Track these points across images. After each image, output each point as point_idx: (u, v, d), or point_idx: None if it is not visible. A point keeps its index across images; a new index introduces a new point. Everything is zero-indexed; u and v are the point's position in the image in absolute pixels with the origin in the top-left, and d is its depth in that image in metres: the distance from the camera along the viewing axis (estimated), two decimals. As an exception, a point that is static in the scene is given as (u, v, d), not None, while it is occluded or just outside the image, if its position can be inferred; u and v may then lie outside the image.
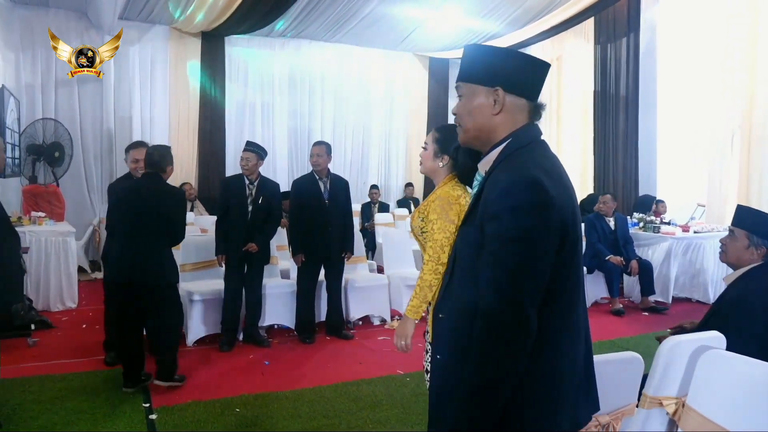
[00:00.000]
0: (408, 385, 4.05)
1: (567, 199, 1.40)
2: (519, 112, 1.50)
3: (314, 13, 8.78)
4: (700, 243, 6.79)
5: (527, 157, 1.43)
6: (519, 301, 1.31)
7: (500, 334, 1.31)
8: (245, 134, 9.54)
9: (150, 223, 3.81)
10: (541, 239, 1.33)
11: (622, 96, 8.89)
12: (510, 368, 1.32)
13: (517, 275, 1.31)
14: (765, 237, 2.60)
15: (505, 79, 1.48)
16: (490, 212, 1.38)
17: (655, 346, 2.08)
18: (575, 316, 1.46)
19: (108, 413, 3.51)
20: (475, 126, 1.52)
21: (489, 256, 1.36)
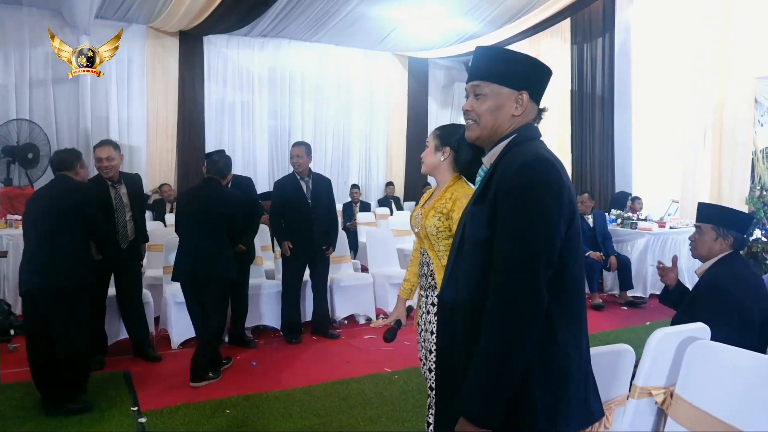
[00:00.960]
0: (396, 382, 4.09)
1: (570, 184, 1.48)
2: (530, 114, 1.59)
3: (294, 13, 8.77)
4: (675, 238, 6.96)
5: (534, 146, 1.52)
6: (533, 273, 1.36)
7: (515, 304, 1.35)
8: (225, 134, 9.51)
9: (213, 224, 4.14)
10: (554, 215, 1.39)
11: (598, 95, 9.05)
12: (525, 338, 1.36)
13: (531, 248, 1.36)
14: (729, 227, 2.75)
15: (530, 85, 1.57)
16: (506, 189, 1.42)
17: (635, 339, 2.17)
18: (581, 305, 1.52)
19: (96, 417, 3.48)
20: (494, 125, 1.57)
21: (505, 230, 1.40)
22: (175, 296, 4.87)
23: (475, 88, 1.59)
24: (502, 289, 1.38)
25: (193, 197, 4.35)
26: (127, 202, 4.39)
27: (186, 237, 4.25)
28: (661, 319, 5.85)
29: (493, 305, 1.38)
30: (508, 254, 1.38)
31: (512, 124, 1.57)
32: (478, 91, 1.58)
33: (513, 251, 1.37)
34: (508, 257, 1.38)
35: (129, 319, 4.55)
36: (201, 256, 4.10)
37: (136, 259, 4.56)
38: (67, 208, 3.58)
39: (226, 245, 4.23)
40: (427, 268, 2.44)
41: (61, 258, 3.49)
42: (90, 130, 8.39)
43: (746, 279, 2.62)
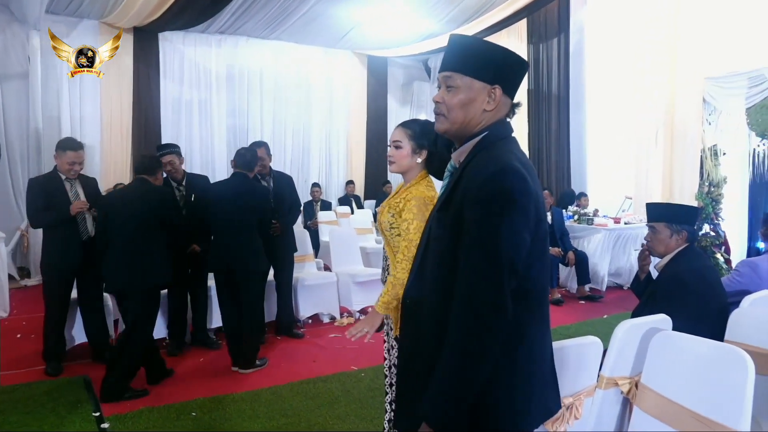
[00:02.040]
0: (363, 380, 4.10)
1: (539, 189, 1.48)
2: (502, 109, 1.56)
3: (252, 10, 8.68)
4: (630, 233, 7.18)
5: (504, 149, 1.49)
6: (498, 283, 1.35)
7: (479, 315, 1.35)
8: (182, 133, 9.33)
9: (243, 217, 4.25)
10: (520, 225, 1.39)
11: (553, 94, 9.25)
12: (488, 349, 1.36)
13: (497, 260, 1.36)
14: (682, 222, 2.87)
15: (504, 79, 1.53)
16: (472, 199, 1.41)
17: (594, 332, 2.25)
18: (545, 308, 1.55)
19: (56, 424, 3.38)
20: (465, 119, 1.53)
21: (470, 241, 1.40)
22: (135, 298, 4.77)
23: (447, 80, 1.54)
24: (466, 299, 1.38)
25: (224, 191, 4.42)
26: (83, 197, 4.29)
27: (220, 231, 4.34)
28: (618, 312, 6.05)
29: (458, 315, 1.38)
30: (473, 265, 1.38)
31: (483, 119, 1.53)
32: (450, 83, 1.53)
33: (478, 262, 1.37)
34: (473, 268, 1.38)
35: (90, 321, 4.43)
36: (236, 250, 4.24)
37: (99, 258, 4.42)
38: (151, 212, 3.91)
39: (258, 238, 4.34)
40: (385, 263, 2.48)
41: (147, 259, 3.86)
42: (41, 129, 8.10)
43: (702, 271, 2.74)
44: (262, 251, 4.36)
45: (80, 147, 4.28)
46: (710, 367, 1.78)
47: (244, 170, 4.40)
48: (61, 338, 4.34)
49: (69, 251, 4.19)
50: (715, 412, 1.70)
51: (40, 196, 4.18)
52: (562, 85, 9.12)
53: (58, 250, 4.21)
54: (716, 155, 7.03)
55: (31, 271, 7.63)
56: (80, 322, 4.53)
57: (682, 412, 1.78)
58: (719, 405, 1.70)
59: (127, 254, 3.83)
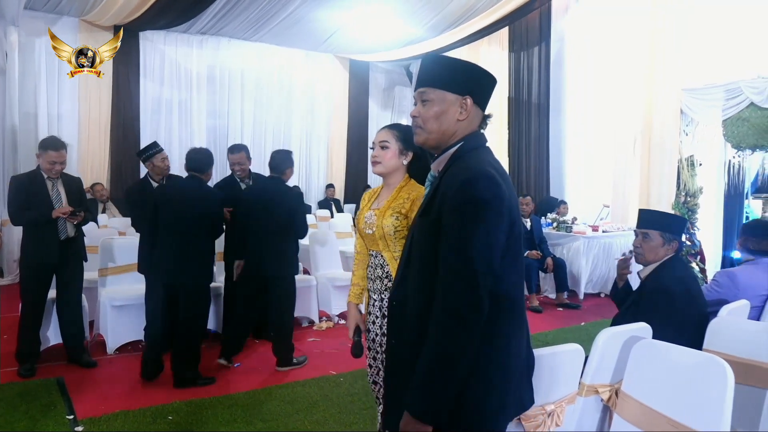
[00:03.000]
0: (342, 385, 4.08)
1: (512, 193, 1.57)
2: (475, 120, 1.67)
3: (235, 11, 8.64)
4: (608, 241, 7.26)
5: (479, 157, 1.60)
6: (475, 284, 1.45)
7: (458, 314, 1.44)
8: (161, 133, 9.22)
9: (274, 220, 4.26)
10: (495, 229, 1.49)
11: (534, 102, 9.35)
12: (466, 346, 1.45)
13: (473, 261, 1.45)
14: (675, 233, 2.89)
15: (474, 90, 1.65)
16: (450, 204, 1.50)
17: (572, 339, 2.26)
18: (521, 307, 1.64)
19: (29, 426, 3.31)
20: (439, 129, 1.64)
21: (448, 244, 1.49)
22: (112, 299, 4.71)
23: (422, 95, 1.66)
24: (444, 299, 1.47)
25: (256, 195, 4.50)
26: (64, 198, 4.23)
27: (252, 235, 4.34)
28: (595, 319, 6.12)
29: (438, 313, 1.47)
30: (451, 266, 1.47)
31: (458, 129, 1.64)
32: (425, 97, 1.65)
33: (456, 263, 1.47)
34: (452, 269, 1.47)
35: (66, 322, 4.35)
36: (266, 254, 4.29)
37: (78, 259, 4.36)
38: (202, 211, 4.05)
39: (288, 241, 4.35)
40: (382, 270, 2.43)
41: (199, 256, 4.02)
42: (17, 127, 7.94)
43: (686, 282, 2.76)
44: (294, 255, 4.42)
45: (62, 146, 4.22)
46: (690, 375, 1.81)
47: (275, 174, 4.45)
48: (36, 339, 4.25)
49: (47, 250, 4.14)
50: (694, 420, 1.72)
51: (21, 194, 4.13)
52: (542, 94, 9.23)
53: (36, 249, 4.15)
54: (693, 166, 7.15)
55: (3, 270, 7.47)
56: (56, 323, 4.45)
57: (661, 420, 1.80)
58: (699, 413, 1.72)
59: (180, 250, 3.98)
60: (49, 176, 4.20)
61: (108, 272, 5.02)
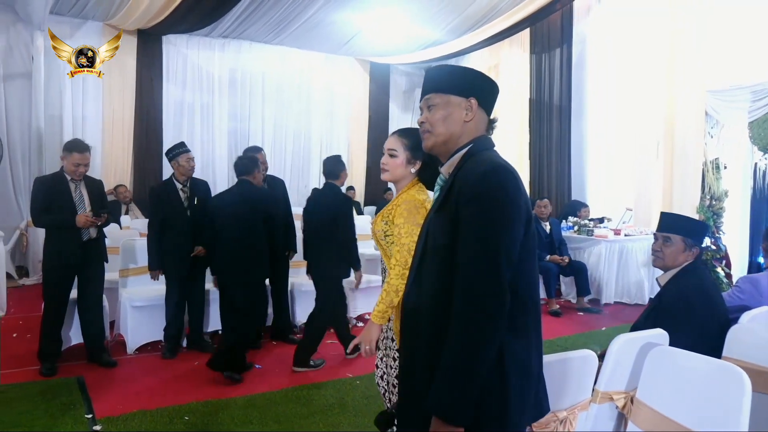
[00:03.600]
0: (358, 388, 4.08)
1: (525, 191, 1.56)
2: (481, 123, 1.69)
3: (256, 15, 8.69)
4: (630, 246, 7.15)
5: (489, 155, 1.60)
6: (496, 275, 1.42)
7: (480, 303, 1.42)
8: (183, 135, 9.31)
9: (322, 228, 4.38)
10: (513, 219, 1.48)
11: (555, 104, 9.24)
12: (491, 336, 1.42)
13: (493, 250, 1.44)
14: (697, 239, 2.83)
15: (478, 92, 1.67)
16: (468, 195, 1.49)
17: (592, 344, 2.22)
18: (537, 306, 1.61)
19: (49, 424, 3.37)
20: (446, 132, 1.65)
21: (467, 235, 1.47)
22: (132, 300, 4.77)
23: (428, 101, 1.69)
24: (467, 289, 1.44)
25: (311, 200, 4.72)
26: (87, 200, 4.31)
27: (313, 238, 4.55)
28: (617, 324, 6.02)
29: (459, 305, 1.44)
30: (472, 257, 1.45)
31: (465, 131, 1.65)
32: (430, 102, 1.68)
33: (477, 254, 1.44)
34: (473, 259, 1.45)
35: (87, 322, 4.41)
36: (312, 256, 4.51)
37: (99, 260, 4.43)
38: (254, 212, 4.27)
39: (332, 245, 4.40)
40: (385, 274, 2.46)
41: (250, 254, 4.23)
42: (42, 129, 8.11)
43: (708, 289, 2.70)
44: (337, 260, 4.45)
45: (86, 149, 4.29)
46: (707, 384, 1.77)
47: (331, 180, 4.53)
48: (57, 338, 4.33)
49: (69, 252, 4.21)
50: (711, 429, 1.68)
51: (45, 195, 4.21)
52: (564, 96, 9.12)
53: (58, 250, 4.22)
54: (718, 168, 7.02)
55: (29, 270, 7.62)
56: (77, 323, 4.52)
57: (677, 429, 1.76)
58: (715, 423, 1.68)
59: (233, 251, 4.23)
60: (73, 178, 4.27)
61: (129, 273, 5.09)
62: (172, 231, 4.68)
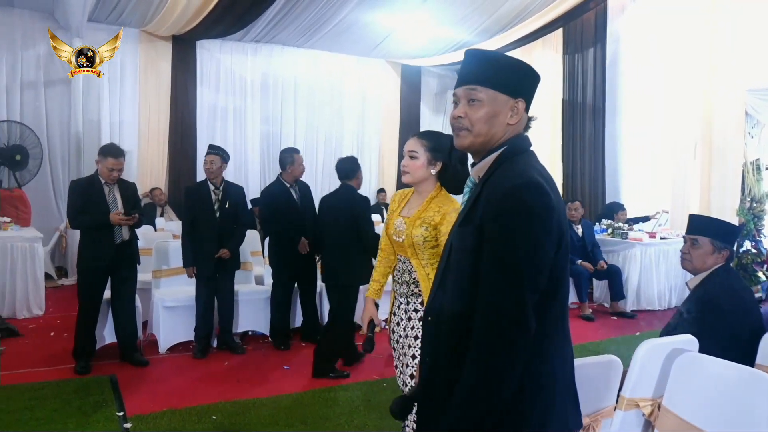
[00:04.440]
0: (384, 390, 4.07)
1: (560, 204, 1.44)
2: (521, 124, 1.54)
3: (287, 19, 8.77)
4: (666, 249, 6.98)
5: (525, 163, 1.47)
6: (520, 301, 1.33)
7: (502, 332, 1.33)
8: (217, 139, 9.44)
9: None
10: (542, 241, 1.36)
11: (589, 105, 9.09)
12: (512, 367, 1.34)
13: (519, 275, 1.34)
14: (726, 241, 2.74)
15: (527, 93, 1.52)
16: (493, 213, 1.39)
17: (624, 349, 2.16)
18: (566, 319, 1.51)
19: (81, 422, 3.45)
20: (488, 133, 1.50)
21: (491, 256, 1.37)
22: (163, 300, 4.85)
23: (470, 93, 1.50)
24: (488, 316, 1.35)
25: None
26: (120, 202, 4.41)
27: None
28: (651, 329, 5.87)
29: (480, 332, 1.36)
30: (494, 281, 1.36)
31: (505, 134, 1.51)
32: (474, 96, 1.49)
33: (499, 278, 1.35)
34: (494, 284, 1.36)
35: (120, 322, 4.51)
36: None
37: (132, 261, 4.53)
38: (351, 218, 4.33)
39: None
40: (409, 276, 2.44)
41: (346, 258, 4.32)
42: (81, 133, 8.35)
43: (739, 294, 2.61)
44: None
45: (121, 154, 4.40)
46: (736, 392, 1.71)
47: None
48: (91, 337, 4.44)
49: (103, 253, 4.31)
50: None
51: (80, 198, 4.32)
52: (597, 96, 8.96)
53: (92, 252, 4.33)
54: (759, 170, 6.80)
55: (68, 271, 7.83)
56: (111, 323, 4.63)
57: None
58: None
59: (332, 254, 4.42)
60: (106, 182, 4.37)
61: (162, 274, 5.19)
62: (199, 231, 4.77)
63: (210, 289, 4.82)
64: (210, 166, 4.83)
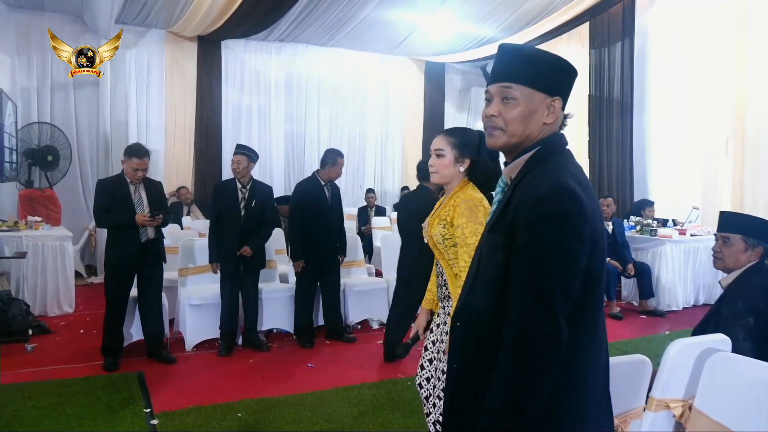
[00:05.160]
0: (409, 389, 4.05)
1: (596, 209, 1.39)
2: (557, 123, 1.49)
3: (311, 18, 8.79)
4: (696, 246, 6.83)
5: (558, 166, 1.41)
6: (552, 312, 1.29)
7: (534, 345, 1.29)
8: (242, 138, 9.52)
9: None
10: (574, 249, 1.31)
11: (616, 100, 8.94)
12: (543, 380, 1.30)
13: (550, 285, 1.29)
14: (759, 238, 2.66)
15: (564, 91, 1.47)
16: (524, 220, 1.34)
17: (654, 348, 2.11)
18: (600, 327, 1.45)
19: (109, 418, 3.49)
20: (524, 133, 1.45)
21: (522, 264, 1.33)
22: (189, 298, 4.90)
23: (505, 91, 1.44)
24: (519, 327, 1.31)
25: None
26: (145, 202, 4.46)
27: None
28: (682, 328, 5.76)
29: (510, 343, 1.32)
30: (524, 291, 1.32)
31: (541, 133, 1.45)
32: (508, 94, 1.43)
33: (530, 288, 1.31)
34: (525, 295, 1.32)
35: (147, 320, 4.57)
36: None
37: (157, 259, 4.58)
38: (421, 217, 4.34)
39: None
40: (441, 278, 2.41)
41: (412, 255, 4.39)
42: (109, 134, 8.49)
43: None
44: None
45: (145, 154, 4.44)
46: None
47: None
48: (119, 335, 4.50)
49: (128, 251, 4.37)
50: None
51: (106, 197, 4.39)
52: (625, 91, 8.80)
53: (118, 250, 4.39)
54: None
55: (97, 269, 7.96)
56: (138, 320, 4.68)
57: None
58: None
59: (404, 247, 4.63)
60: (132, 181, 4.43)
61: (188, 272, 5.24)
62: (224, 228, 4.81)
63: (234, 286, 4.86)
64: (236, 165, 4.87)
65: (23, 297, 5.56)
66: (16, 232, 5.79)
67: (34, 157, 7.38)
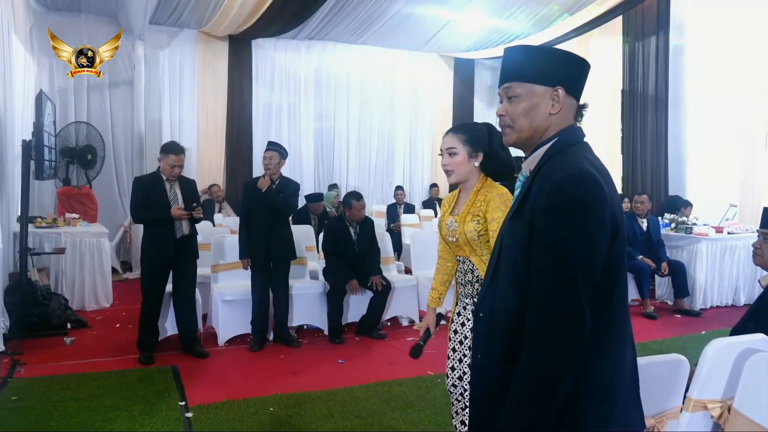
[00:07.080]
0: (439, 386, 4.04)
1: (615, 195, 1.39)
2: (569, 112, 1.51)
3: (340, 16, 8.84)
4: (734, 244, 6.67)
5: (576, 154, 1.43)
6: (574, 294, 1.29)
7: (556, 328, 1.30)
8: (272, 136, 9.61)
9: None
10: (594, 233, 1.32)
11: (650, 95, 8.75)
12: (567, 363, 1.30)
13: (571, 269, 1.30)
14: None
15: (565, 79, 1.49)
16: (543, 206, 1.35)
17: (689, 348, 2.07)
18: (626, 317, 1.45)
19: (145, 410, 3.57)
20: (531, 126, 1.50)
21: (542, 249, 1.34)
22: (222, 294, 4.97)
23: (508, 91, 1.52)
24: (541, 311, 1.32)
25: None
26: (180, 198, 4.55)
27: None
28: (717, 328, 5.63)
29: (533, 328, 1.33)
30: (545, 275, 1.33)
31: (551, 124, 1.49)
32: (511, 93, 1.51)
33: (550, 272, 1.32)
34: (546, 278, 1.33)
35: (181, 315, 4.65)
36: None
37: (192, 255, 4.66)
38: None
39: None
40: (472, 275, 2.39)
41: None
42: (144, 133, 8.66)
43: None
44: None
45: (182, 151, 4.54)
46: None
47: None
48: (154, 329, 4.59)
49: (164, 247, 4.46)
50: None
51: (142, 193, 4.49)
52: (660, 86, 8.61)
53: (154, 246, 4.48)
54: (836, 160, 6.40)
55: (132, 265, 8.13)
56: (172, 315, 4.77)
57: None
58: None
59: None
60: (168, 178, 4.51)
61: (220, 268, 5.31)
62: (252, 224, 4.87)
63: (264, 282, 4.91)
64: (268, 162, 4.91)
65: (62, 292, 5.71)
66: (55, 229, 5.95)
67: (73, 156, 7.56)
